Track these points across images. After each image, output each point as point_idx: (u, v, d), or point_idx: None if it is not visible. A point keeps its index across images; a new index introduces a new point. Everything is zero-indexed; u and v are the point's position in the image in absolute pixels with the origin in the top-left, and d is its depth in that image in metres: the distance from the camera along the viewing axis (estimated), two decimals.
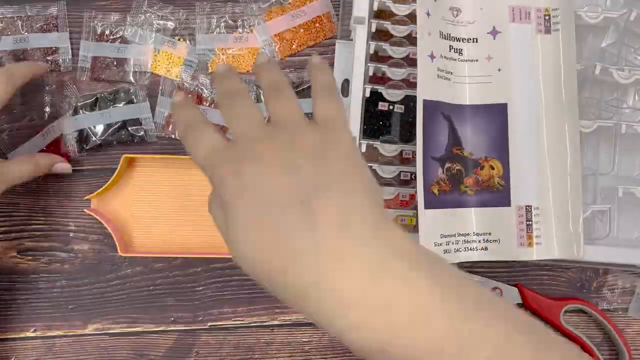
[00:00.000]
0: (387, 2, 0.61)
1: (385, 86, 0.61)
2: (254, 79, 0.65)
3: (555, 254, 0.58)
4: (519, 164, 0.59)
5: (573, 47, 0.60)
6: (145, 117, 0.64)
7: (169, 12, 0.65)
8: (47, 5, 0.65)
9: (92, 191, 0.63)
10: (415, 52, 0.57)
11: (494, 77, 0.60)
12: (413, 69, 0.59)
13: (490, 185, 0.59)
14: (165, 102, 0.64)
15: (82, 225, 0.64)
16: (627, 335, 0.66)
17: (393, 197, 0.61)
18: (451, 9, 0.60)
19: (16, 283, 0.64)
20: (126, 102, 0.64)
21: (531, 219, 0.59)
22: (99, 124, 0.63)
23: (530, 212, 0.59)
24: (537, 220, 0.59)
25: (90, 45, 0.64)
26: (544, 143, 0.59)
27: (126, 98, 0.64)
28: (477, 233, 0.58)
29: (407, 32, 0.61)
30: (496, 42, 0.60)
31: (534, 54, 0.60)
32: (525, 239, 0.58)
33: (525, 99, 0.60)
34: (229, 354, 0.64)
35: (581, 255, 0.58)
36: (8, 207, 0.64)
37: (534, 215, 0.59)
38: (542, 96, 0.60)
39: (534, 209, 0.59)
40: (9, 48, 0.64)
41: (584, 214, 0.59)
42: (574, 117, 0.59)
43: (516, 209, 0.59)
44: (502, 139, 0.59)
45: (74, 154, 0.64)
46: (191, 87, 0.65)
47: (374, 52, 0.61)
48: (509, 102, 0.60)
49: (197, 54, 0.65)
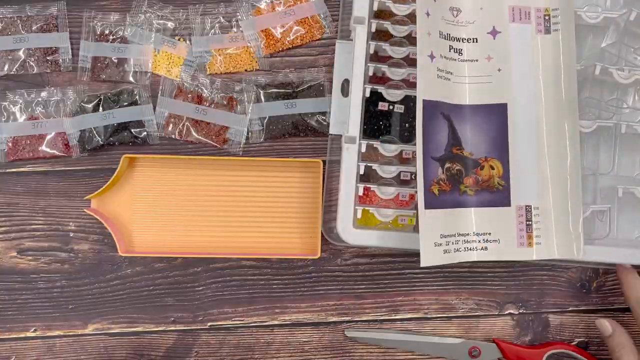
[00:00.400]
0: (387, 2, 0.61)
1: (385, 86, 0.61)
2: (254, 78, 0.65)
3: (555, 254, 0.58)
4: (519, 164, 0.59)
5: (573, 47, 0.60)
6: (149, 119, 0.64)
7: (168, 12, 0.65)
8: (47, 5, 0.65)
9: (92, 191, 0.63)
10: (415, 52, 0.58)
11: (493, 77, 0.60)
12: (413, 69, 0.59)
13: (490, 185, 0.59)
14: (166, 102, 0.64)
15: (82, 225, 0.65)
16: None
17: (393, 197, 0.61)
18: (451, 9, 0.60)
19: (16, 283, 0.64)
20: (129, 103, 0.64)
21: (531, 219, 0.59)
22: (102, 124, 0.63)
23: (530, 212, 0.59)
24: (537, 220, 0.59)
25: (90, 45, 0.64)
26: (544, 143, 0.59)
27: (129, 99, 0.64)
28: (477, 233, 0.58)
29: (407, 32, 0.61)
30: (496, 42, 0.60)
31: (533, 54, 0.60)
32: (525, 238, 0.58)
33: (525, 99, 0.60)
34: (229, 354, 0.64)
35: (581, 256, 0.58)
36: (8, 207, 0.64)
37: (533, 215, 0.59)
38: (542, 96, 0.60)
39: (533, 209, 0.59)
40: (9, 48, 0.64)
41: (583, 214, 0.59)
42: (574, 117, 0.59)
43: (516, 208, 0.59)
44: (502, 139, 0.59)
45: (76, 154, 0.64)
46: (191, 87, 0.65)
47: (374, 52, 0.61)
48: (509, 102, 0.60)
49: (194, 57, 0.65)
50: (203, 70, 0.65)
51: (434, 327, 0.65)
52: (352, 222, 0.59)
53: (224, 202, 0.65)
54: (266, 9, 0.66)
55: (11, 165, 0.64)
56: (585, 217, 0.59)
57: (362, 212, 0.60)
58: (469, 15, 0.60)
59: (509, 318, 0.66)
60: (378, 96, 0.61)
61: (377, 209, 0.61)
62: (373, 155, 0.61)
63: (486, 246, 0.58)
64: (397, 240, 0.59)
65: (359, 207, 0.60)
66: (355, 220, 0.59)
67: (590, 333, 0.66)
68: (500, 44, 0.60)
